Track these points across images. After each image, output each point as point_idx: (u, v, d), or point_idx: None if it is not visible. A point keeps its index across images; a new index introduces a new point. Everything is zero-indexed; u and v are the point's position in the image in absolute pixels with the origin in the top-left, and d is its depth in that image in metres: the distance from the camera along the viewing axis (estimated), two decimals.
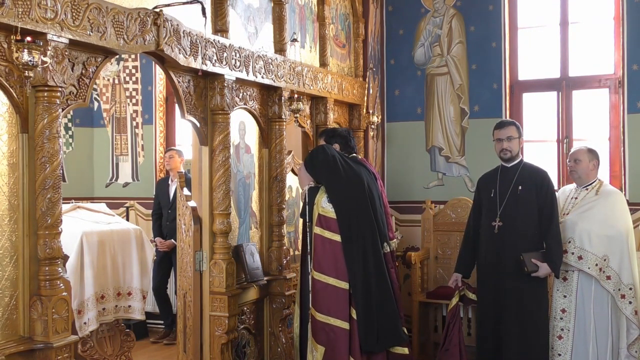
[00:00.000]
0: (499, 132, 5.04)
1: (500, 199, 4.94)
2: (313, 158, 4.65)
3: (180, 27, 4.11)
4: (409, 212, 7.17)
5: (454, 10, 7.06)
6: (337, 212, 4.46)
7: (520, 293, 4.78)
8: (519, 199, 4.88)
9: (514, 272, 4.77)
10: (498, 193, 4.96)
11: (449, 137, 7.11)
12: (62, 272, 3.42)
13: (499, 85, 6.88)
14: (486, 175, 5.22)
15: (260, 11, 5.14)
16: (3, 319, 3.24)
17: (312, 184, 4.64)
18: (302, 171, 4.56)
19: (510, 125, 5.05)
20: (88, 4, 3.43)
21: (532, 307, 4.80)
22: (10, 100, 3.26)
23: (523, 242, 4.79)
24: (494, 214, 4.92)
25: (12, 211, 3.29)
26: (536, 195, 4.85)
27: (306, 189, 4.50)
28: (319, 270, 4.47)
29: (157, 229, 7.08)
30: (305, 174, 4.56)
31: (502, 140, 5.01)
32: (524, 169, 5.00)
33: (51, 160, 3.32)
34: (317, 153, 4.70)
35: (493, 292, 4.86)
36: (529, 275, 4.73)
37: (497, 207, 4.92)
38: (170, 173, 7.22)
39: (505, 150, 5.00)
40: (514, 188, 4.91)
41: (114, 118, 8.09)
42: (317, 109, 5.98)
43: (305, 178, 4.58)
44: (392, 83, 7.34)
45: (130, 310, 5.20)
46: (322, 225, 4.44)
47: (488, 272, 4.93)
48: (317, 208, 4.45)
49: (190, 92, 4.48)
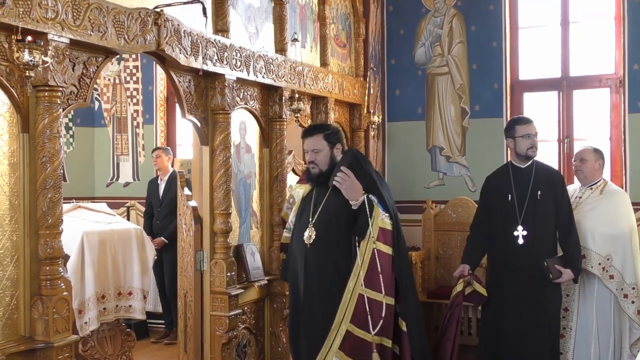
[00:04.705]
0: (528, 128, 4.69)
1: (519, 204, 4.64)
2: (362, 162, 4.02)
3: (181, 27, 4.11)
4: (410, 211, 7.16)
5: (454, 10, 7.06)
6: (393, 222, 3.86)
7: (544, 302, 4.59)
8: (538, 204, 4.62)
9: (539, 281, 4.56)
10: (516, 198, 4.65)
11: (450, 137, 7.11)
12: (63, 271, 3.43)
13: (500, 85, 6.88)
14: (495, 176, 4.89)
15: (260, 11, 5.14)
16: (4, 319, 3.25)
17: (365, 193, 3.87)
18: (354, 179, 3.76)
19: (533, 121, 4.77)
20: (89, 4, 3.44)
21: (551, 314, 4.64)
22: (11, 100, 3.26)
23: (545, 250, 4.61)
24: (514, 221, 4.62)
25: (13, 211, 3.29)
26: (553, 199, 4.64)
27: (364, 198, 3.75)
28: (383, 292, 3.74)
29: (148, 227, 7.12)
30: (358, 183, 3.78)
31: (531, 135, 4.68)
32: (538, 169, 4.73)
33: (52, 160, 3.32)
34: (363, 157, 4.20)
35: (512, 302, 4.59)
36: (550, 282, 4.56)
37: (516, 214, 4.63)
38: (159, 172, 7.25)
39: (534, 147, 4.69)
40: (532, 192, 4.64)
41: (115, 118, 8.10)
42: (318, 108, 5.98)
43: (359, 187, 3.78)
44: (393, 83, 7.34)
45: (131, 310, 5.19)
46: (383, 240, 3.77)
47: (508, 282, 4.61)
48: (377, 221, 3.75)
49: (191, 91, 4.48)
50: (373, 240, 3.72)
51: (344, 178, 3.72)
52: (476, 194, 6.73)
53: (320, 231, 3.89)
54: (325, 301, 3.82)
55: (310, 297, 3.90)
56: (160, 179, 7.25)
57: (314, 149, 4.02)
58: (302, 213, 4.09)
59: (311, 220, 3.95)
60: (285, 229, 4.40)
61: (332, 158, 4.02)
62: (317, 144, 4.01)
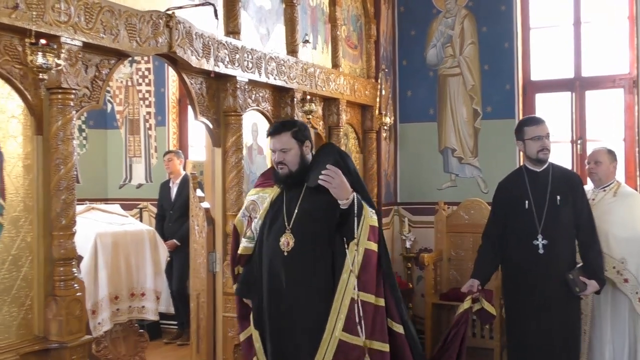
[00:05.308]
0: (537, 129, 4.34)
1: (537, 212, 4.32)
2: (346, 159, 3.70)
3: (192, 29, 4.13)
4: (422, 213, 7.16)
5: (465, 10, 7.05)
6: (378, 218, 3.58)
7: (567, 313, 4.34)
8: (559, 211, 4.31)
9: (562, 294, 4.29)
10: (534, 205, 4.33)
11: (462, 138, 7.09)
12: (77, 272, 3.45)
13: (512, 85, 6.86)
14: (509, 180, 4.58)
15: (272, 13, 5.16)
16: (19, 319, 3.27)
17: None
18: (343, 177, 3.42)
19: (545, 121, 4.42)
20: (101, 7, 3.46)
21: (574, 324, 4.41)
22: (25, 103, 3.29)
23: (566, 258, 4.33)
24: (533, 230, 4.30)
25: (27, 212, 3.32)
26: (573, 204, 4.35)
27: (353, 197, 3.41)
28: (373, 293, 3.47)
29: (159, 229, 7.15)
30: (346, 182, 3.43)
31: (542, 137, 4.33)
32: (555, 172, 4.41)
33: (65, 162, 3.34)
34: (344, 154, 3.81)
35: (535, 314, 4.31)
36: (574, 294, 4.31)
37: (536, 223, 4.30)
38: (171, 175, 7.28)
39: (545, 149, 4.35)
40: (551, 198, 4.32)
41: (127, 120, 8.14)
42: (330, 110, 5.98)
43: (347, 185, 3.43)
44: (405, 84, 7.34)
45: (143, 310, 5.22)
46: (373, 238, 3.48)
47: (529, 294, 4.31)
48: (367, 220, 3.44)
49: (202, 93, 4.50)
50: (364, 239, 3.41)
51: (333, 176, 3.34)
52: (488, 196, 6.71)
53: (300, 236, 3.51)
54: (311, 311, 3.45)
55: (292, 309, 3.49)
56: (172, 182, 7.29)
57: (282, 148, 3.59)
58: (273, 219, 3.63)
59: (287, 225, 3.54)
60: (245, 238, 3.78)
61: (301, 157, 3.61)
62: (286, 143, 3.59)
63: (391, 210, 7.29)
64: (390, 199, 7.26)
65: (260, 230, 3.69)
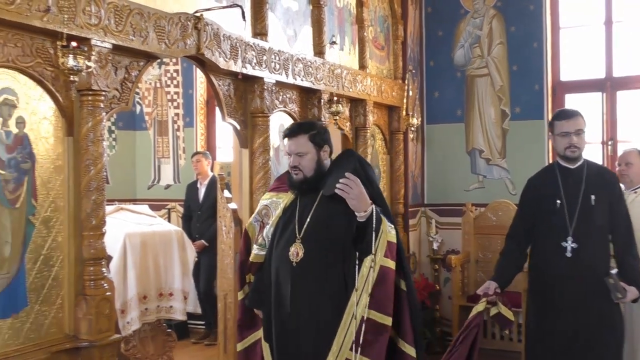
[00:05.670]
0: (566, 124, 3.96)
1: (569, 212, 3.96)
2: (367, 168, 3.42)
3: (220, 31, 4.16)
4: (449, 214, 7.12)
5: (494, 10, 7.00)
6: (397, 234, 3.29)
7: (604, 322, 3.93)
8: (593, 212, 3.94)
9: (595, 301, 3.91)
10: (566, 204, 3.97)
11: (490, 139, 7.04)
12: (106, 272, 3.49)
13: (541, 86, 6.79)
14: (539, 177, 4.23)
15: (299, 14, 5.17)
16: (50, 318, 3.32)
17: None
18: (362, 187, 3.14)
19: (578, 116, 4.00)
20: (130, 10, 3.50)
21: (615, 334, 4.00)
22: (56, 105, 3.34)
23: (597, 265, 3.93)
24: (564, 231, 3.93)
25: (58, 212, 3.37)
26: (609, 205, 3.98)
27: (372, 209, 3.15)
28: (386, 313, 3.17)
29: (186, 230, 7.20)
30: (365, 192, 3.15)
31: (569, 134, 3.94)
32: (590, 170, 4.03)
33: (95, 163, 3.38)
34: (365, 162, 3.52)
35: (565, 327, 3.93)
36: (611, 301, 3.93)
37: (567, 223, 3.94)
38: (199, 177, 7.33)
39: (573, 147, 3.95)
40: (585, 197, 3.95)
41: (156, 121, 8.22)
42: (357, 111, 5.98)
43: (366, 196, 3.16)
44: (432, 85, 7.31)
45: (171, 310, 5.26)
46: (390, 256, 3.20)
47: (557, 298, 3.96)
48: (385, 235, 3.17)
49: (230, 95, 4.53)
50: (381, 256, 3.13)
51: (351, 186, 3.09)
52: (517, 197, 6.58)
53: (310, 247, 3.25)
54: (319, 327, 3.20)
55: (298, 324, 3.25)
56: (199, 183, 7.34)
57: (298, 151, 3.35)
58: (284, 226, 3.40)
59: (298, 234, 3.30)
60: (257, 245, 3.55)
61: (318, 162, 3.36)
62: (302, 146, 3.35)
63: (418, 212, 7.26)
64: (418, 201, 7.23)
65: (271, 237, 3.45)
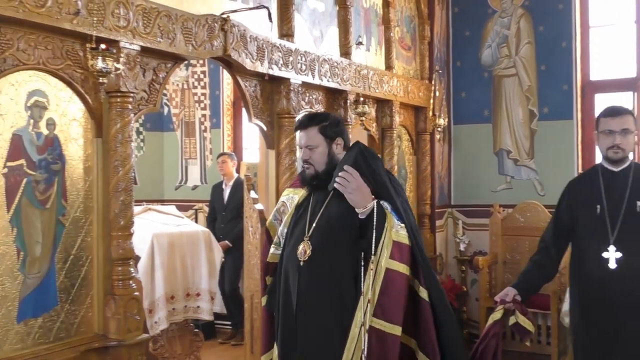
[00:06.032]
0: (610, 121, 3.56)
1: (611, 218, 3.54)
2: (370, 159, 3.11)
3: (246, 32, 4.18)
4: (476, 216, 7.06)
5: (522, 10, 6.93)
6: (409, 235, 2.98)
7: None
8: (639, 219, 3.52)
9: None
10: (607, 210, 3.56)
11: (518, 140, 6.97)
12: (134, 272, 3.52)
13: (570, 86, 6.71)
14: (580, 180, 3.88)
15: (325, 15, 5.17)
16: (79, 317, 3.36)
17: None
18: (361, 181, 2.95)
19: (627, 114, 3.59)
20: (158, 12, 3.53)
21: None
22: (85, 106, 3.38)
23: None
24: (604, 240, 3.52)
25: (87, 213, 3.41)
26: None
27: (373, 204, 2.93)
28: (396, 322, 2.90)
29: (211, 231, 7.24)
30: (365, 186, 2.96)
31: (614, 132, 3.52)
32: (637, 174, 3.60)
33: (124, 164, 3.42)
34: (371, 153, 3.23)
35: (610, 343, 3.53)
36: None
37: (607, 231, 3.53)
38: (224, 177, 7.35)
39: (617, 147, 3.52)
40: (629, 203, 3.54)
41: (183, 122, 8.27)
42: (383, 111, 5.96)
43: (367, 191, 2.96)
44: (459, 85, 7.26)
45: (198, 310, 5.28)
46: (399, 258, 2.92)
47: (600, 318, 3.55)
48: (389, 233, 2.91)
49: (257, 96, 4.54)
50: (386, 257, 2.88)
51: (349, 179, 2.90)
52: (545, 198, 6.61)
53: (318, 246, 3.03)
54: (325, 330, 2.98)
55: (304, 327, 3.02)
56: (225, 183, 7.37)
57: (308, 144, 3.14)
58: (296, 223, 3.21)
59: (307, 232, 3.09)
60: (273, 244, 3.36)
61: (330, 156, 3.15)
62: (312, 139, 3.15)
63: (445, 213, 7.21)
64: (444, 201, 7.19)
65: (285, 236, 3.26)
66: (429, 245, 6.71)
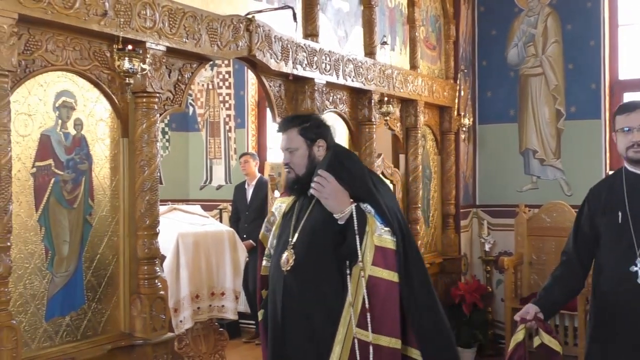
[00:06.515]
0: (627, 118, 3.15)
1: (636, 228, 3.13)
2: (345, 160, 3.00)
3: (271, 32, 4.18)
4: (502, 216, 7.01)
5: (549, 8, 6.86)
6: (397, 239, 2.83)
7: None
8: None
9: None
10: (630, 217, 3.15)
11: (544, 140, 6.90)
12: (160, 271, 3.55)
13: (598, 85, 6.62)
14: (602, 185, 3.41)
15: (350, 15, 5.16)
16: (106, 315, 3.39)
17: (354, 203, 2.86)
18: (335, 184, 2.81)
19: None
20: (184, 13, 3.55)
21: None
22: (112, 107, 3.41)
23: None
24: (630, 252, 3.12)
25: (114, 212, 3.44)
26: None
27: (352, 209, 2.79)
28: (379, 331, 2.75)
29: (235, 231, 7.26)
30: (342, 190, 2.82)
31: (632, 130, 3.13)
32: None
33: (149, 164, 3.44)
34: (347, 153, 3.14)
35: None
36: None
37: (633, 242, 3.12)
38: (247, 177, 7.37)
39: (637, 145, 3.12)
40: None
41: (208, 122, 8.32)
42: (407, 111, 5.94)
43: (344, 194, 2.83)
44: (484, 84, 7.21)
45: (223, 310, 5.29)
46: (383, 264, 2.76)
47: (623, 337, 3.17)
48: (371, 238, 2.76)
49: (281, 96, 4.55)
50: (368, 264, 2.73)
51: (323, 184, 2.78)
52: (572, 198, 6.54)
53: (301, 254, 2.88)
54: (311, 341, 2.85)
55: (291, 337, 2.91)
56: (247, 183, 7.40)
57: (288, 147, 3.01)
58: (282, 232, 3.07)
59: (290, 240, 2.95)
60: (264, 256, 3.21)
61: (311, 159, 2.99)
62: (292, 141, 3.00)
63: (470, 213, 7.17)
64: (469, 201, 7.14)
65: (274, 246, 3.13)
66: (454, 245, 6.68)
